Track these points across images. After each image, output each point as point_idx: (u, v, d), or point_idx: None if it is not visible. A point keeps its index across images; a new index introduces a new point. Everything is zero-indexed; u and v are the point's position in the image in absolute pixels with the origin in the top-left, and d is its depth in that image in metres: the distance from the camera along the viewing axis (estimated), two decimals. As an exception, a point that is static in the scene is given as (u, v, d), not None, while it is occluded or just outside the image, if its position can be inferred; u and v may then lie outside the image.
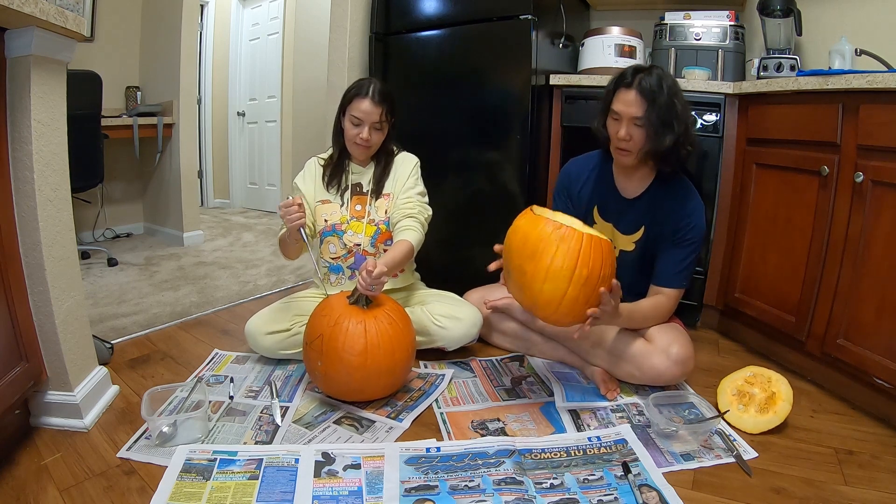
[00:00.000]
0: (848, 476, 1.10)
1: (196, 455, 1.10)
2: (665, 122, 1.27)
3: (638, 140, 1.31)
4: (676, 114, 1.28)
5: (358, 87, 1.50)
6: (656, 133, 1.28)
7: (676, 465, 1.12)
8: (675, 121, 1.28)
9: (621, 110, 1.31)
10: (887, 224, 1.27)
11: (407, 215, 1.50)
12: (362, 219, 1.57)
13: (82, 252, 2.71)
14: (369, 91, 1.47)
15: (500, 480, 1.05)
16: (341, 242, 1.57)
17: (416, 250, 1.48)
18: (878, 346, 1.29)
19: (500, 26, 1.83)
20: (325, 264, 1.61)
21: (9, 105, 1.07)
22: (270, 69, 4.25)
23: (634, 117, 1.29)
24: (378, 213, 1.57)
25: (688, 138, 1.32)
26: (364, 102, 1.47)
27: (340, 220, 1.57)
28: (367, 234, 1.56)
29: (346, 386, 1.29)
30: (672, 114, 1.28)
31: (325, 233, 1.58)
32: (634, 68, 1.33)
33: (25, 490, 1.01)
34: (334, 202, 1.59)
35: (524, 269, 1.13)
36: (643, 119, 1.28)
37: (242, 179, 4.69)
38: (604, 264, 1.12)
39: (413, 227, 1.47)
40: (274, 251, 3.06)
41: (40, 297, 1.15)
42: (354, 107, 1.48)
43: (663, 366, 1.34)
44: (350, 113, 1.49)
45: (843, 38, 1.63)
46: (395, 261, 1.39)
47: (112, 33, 3.08)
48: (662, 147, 1.29)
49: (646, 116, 1.28)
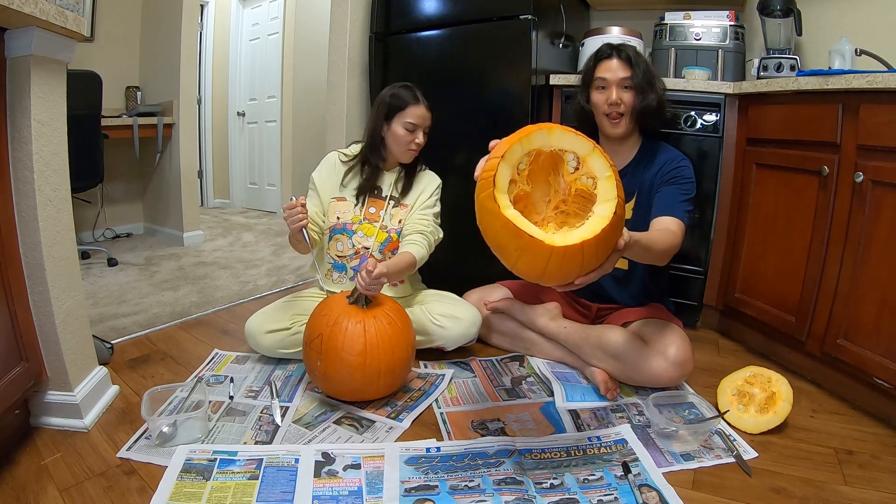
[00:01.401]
0: (848, 476, 1.10)
1: (196, 455, 1.10)
2: (649, 82, 1.40)
3: (628, 101, 1.41)
4: (655, 76, 1.42)
5: (406, 94, 1.53)
6: (643, 92, 1.39)
7: (676, 465, 1.12)
8: (656, 81, 1.41)
9: (609, 76, 1.42)
10: (887, 224, 1.27)
11: (418, 231, 1.53)
12: (375, 222, 1.58)
13: (82, 252, 2.71)
14: (419, 97, 1.53)
15: (500, 480, 1.05)
16: (350, 242, 1.58)
17: (418, 265, 1.49)
18: (878, 346, 1.29)
19: (500, 26, 1.83)
20: (329, 260, 1.62)
21: (9, 105, 1.07)
22: (270, 69, 4.25)
23: (622, 79, 1.40)
24: (392, 220, 1.58)
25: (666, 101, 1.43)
26: (420, 108, 1.52)
27: (353, 220, 1.58)
28: (377, 240, 1.57)
29: (345, 386, 1.29)
30: (652, 76, 1.41)
31: (335, 230, 1.58)
32: (608, 44, 1.46)
33: (25, 490, 1.01)
34: (349, 200, 1.59)
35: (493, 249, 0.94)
36: (630, 79, 1.39)
37: (242, 179, 4.69)
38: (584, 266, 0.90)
39: (420, 243, 1.50)
40: (274, 251, 3.06)
41: (40, 297, 1.15)
42: (410, 113, 1.51)
43: (661, 368, 1.33)
44: (404, 120, 1.52)
45: (843, 38, 1.63)
46: (396, 267, 1.40)
47: (112, 33, 3.08)
48: (651, 105, 1.39)
49: (632, 77, 1.40)
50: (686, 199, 1.38)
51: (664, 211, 1.36)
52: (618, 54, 1.42)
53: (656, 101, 1.40)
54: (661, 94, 1.42)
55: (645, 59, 1.43)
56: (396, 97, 1.54)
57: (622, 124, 1.43)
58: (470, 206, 0.94)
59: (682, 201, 1.37)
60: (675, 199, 1.37)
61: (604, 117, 1.46)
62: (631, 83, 1.40)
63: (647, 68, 1.41)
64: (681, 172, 1.41)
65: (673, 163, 1.42)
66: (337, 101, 2.14)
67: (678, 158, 1.44)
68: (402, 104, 1.52)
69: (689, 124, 1.76)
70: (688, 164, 1.44)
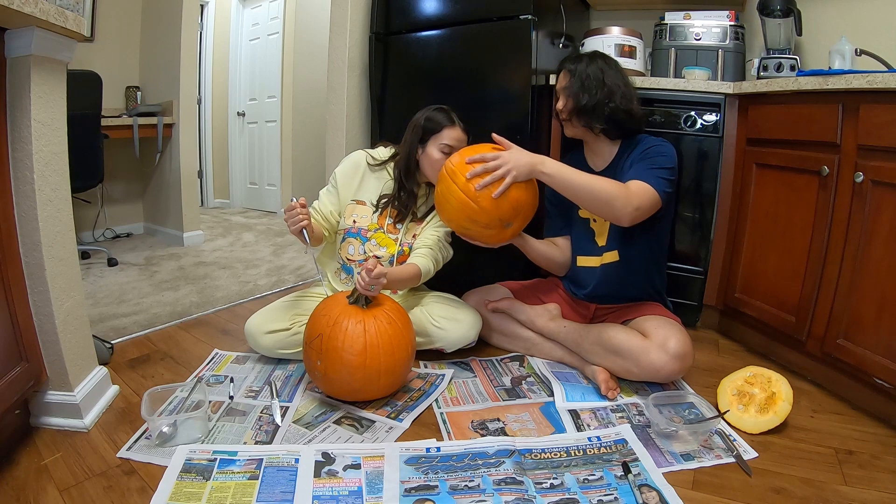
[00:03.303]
0: (848, 476, 1.10)
1: (196, 455, 1.10)
2: (584, 87, 1.45)
3: (568, 107, 1.49)
4: (600, 81, 1.45)
5: (441, 117, 1.53)
6: (576, 96, 1.46)
7: (676, 465, 1.12)
8: (597, 86, 1.44)
9: (556, 87, 1.55)
10: (887, 224, 1.27)
11: (428, 246, 1.53)
12: (392, 234, 1.58)
13: (82, 252, 2.71)
14: (455, 119, 1.54)
15: (500, 480, 1.05)
16: (362, 248, 1.58)
17: (422, 279, 1.50)
18: (878, 346, 1.29)
19: (500, 26, 1.83)
20: (339, 261, 1.62)
21: (9, 105, 1.07)
22: (270, 69, 4.25)
23: (561, 88, 1.51)
24: (407, 235, 1.58)
25: (612, 99, 1.44)
26: (455, 130, 1.52)
27: (369, 227, 1.58)
28: (389, 251, 1.57)
29: (345, 386, 1.29)
30: (592, 81, 1.45)
31: (349, 233, 1.58)
32: (566, 56, 1.58)
33: (25, 490, 1.01)
34: (369, 206, 1.59)
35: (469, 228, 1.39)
36: (567, 87, 1.49)
37: (242, 179, 4.69)
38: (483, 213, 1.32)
39: (428, 258, 1.50)
40: (274, 251, 3.06)
41: (40, 297, 1.15)
42: (446, 136, 1.51)
43: (661, 361, 1.33)
44: (441, 142, 1.51)
45: (843, 38, 1.63)
46: (398, 275, 1.41)
47: (112, 33, 3.08)
48: (580, 105, 1.45)
49: (568, 85, 1.48)
50: (654, 167, 1.38)
51: (632, 175, 1.38)
52: (562, 65, 1.54)
53: (592, 102, 1.44)
54: (604, 95, 1.43)
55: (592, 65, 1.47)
56: (431, 120, 1.53)
57: (568, 127, 1.52)
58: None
59: (650, 168, 1.38)
60: (644, 167, 1.38)
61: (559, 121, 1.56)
62: (568, 92, 1.49)
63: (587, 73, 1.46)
64: (656, 150, 1.42)
65: (649, 143, 1.45)
66: (337, 101, 2.14)
67: (657, 142, 1.46)
68: (437, 127, 1.51)
69: (689, 124, 1.76)
70: (666, 146, 1.44)
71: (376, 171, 1.62)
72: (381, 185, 1.61)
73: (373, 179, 1.61)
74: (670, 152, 1.42)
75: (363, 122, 2.21)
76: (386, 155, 1.63)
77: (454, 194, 1.33)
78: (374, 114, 2.14)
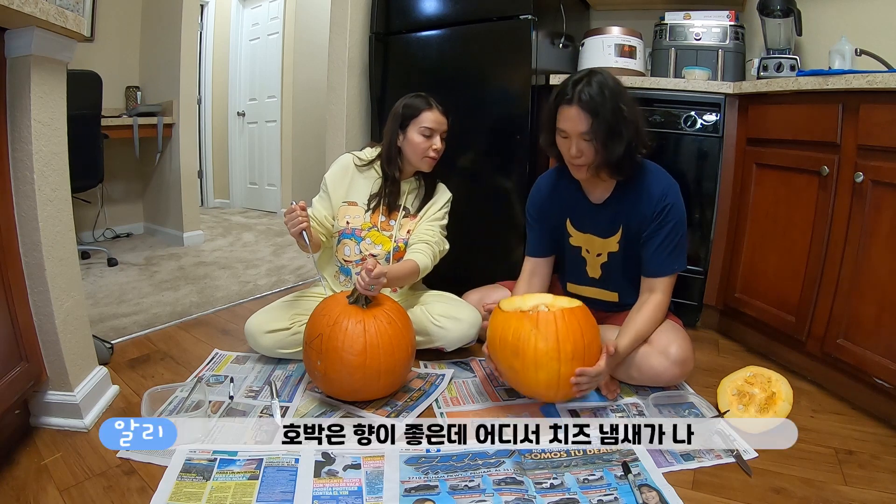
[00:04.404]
0: (848, 476, 1.09)
1: (196, 455, 1.10)
2: (613, 132, 1.24)
3: (588, 155, 1.29)
4: (624, 118, 1.25)
5: (419, 101, 1.53)
6: (605, 145, 1.25)
7: (676, 465, 1.11)
8: (624, 127, 1.25)
9: (567, 128, 1.28)
10: (887, 224, 1.27)
11: (424, 241, 1.53)
12: (386, 231, 1.58)
13: (82, 252, 2.71)
14: (433, 103, 1.53)
15: (500, 480, 1.05)
16: (357, 248, 1.58)
17: (421, 275, 1.50)
18: (878, 346, 1.29)
19: (500, 26, 1.83)
20: (336, 263, 1.62)
21: (9, 105, 1.07)
22: (270, 69, 4.25)
23: (581, 133, 1.26)
24: (402, 231, 1.59)
25: (640, 140, 1.29)
26: (434, 113, 1.52)
27: (362, 226, 1.58)
28: (384, 248, 1.57)
29: (345, 386, 1.29)
30: (619, 119, 1.24)
31: (343, 234, 1.59)
32: (573, 81, 1.28)
33: (25, 490, 1.01)
34: (360, 205, 1.59)
35: (514, 366, 1.21)
36: (590, 133, 1.25)
37: (242, 179, 4.69)
38: (583, 330, 1.20)
39: (425, 252, 1.50)
40: (274, 251, 3.06)
41: (40, 297, 1.15)
42: (424, 118, 1.51)
43: (662, 367, 1.33)
44: (420, 125, 1.51)
45: (843, 38, 1.63)
46: (397, 273, 1.41)
47: (112, 33, 3.08)
48: (614, 157, 1.26)
49: (592, 130, 1.25)
50: (674, 247, 1.35)
51: (654, 269, 1.37)
52: (578, 100, 1.25)
53: (623, 150, 1.26)
54: (631, 137, 1.26)
55: (613, 97, 1.24)
56: (409, 106, 1.54)
57: (584, 172, 1.34)
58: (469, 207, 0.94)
59: (674, 247, 1.35)
60: (665, 250, 1.34)
61: (568, 163, 1.38)
62: (591, 137, 1.26)
63: (613, 109, 1.24)
64: (672, 213, 1.33)
65: (664, 203, 1.33)
66: (337, 101, 2.14)
67: (668, 195, 1.33)
68: (415, 112, 1.52)
69: (689, 124, 1.76)
70: (676, 199, 1.34)
71: (364, 171, 1.62)
72: (371, 184, 1.61)
73: (361, 179, 1.62)
74: (681, 204, 1.35)
75: (363, 122, 2.21)
76: (372, 155, 1.64)
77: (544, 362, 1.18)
78: (374, 114, 2.14)
